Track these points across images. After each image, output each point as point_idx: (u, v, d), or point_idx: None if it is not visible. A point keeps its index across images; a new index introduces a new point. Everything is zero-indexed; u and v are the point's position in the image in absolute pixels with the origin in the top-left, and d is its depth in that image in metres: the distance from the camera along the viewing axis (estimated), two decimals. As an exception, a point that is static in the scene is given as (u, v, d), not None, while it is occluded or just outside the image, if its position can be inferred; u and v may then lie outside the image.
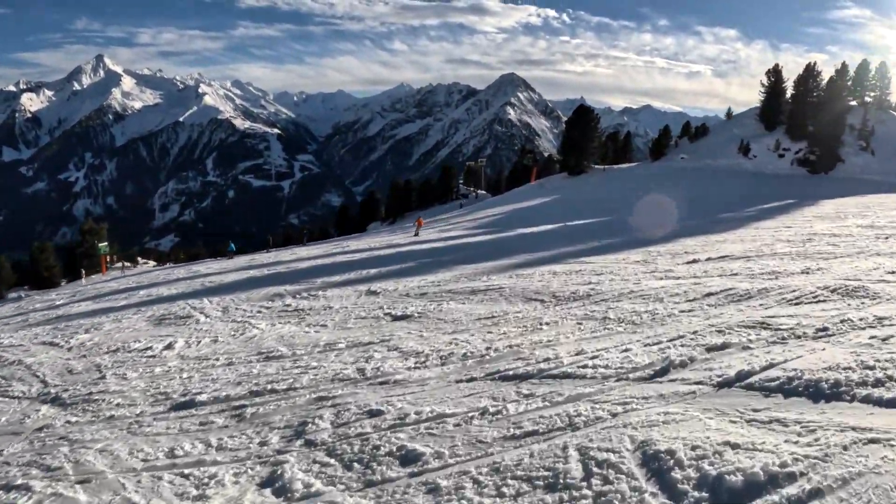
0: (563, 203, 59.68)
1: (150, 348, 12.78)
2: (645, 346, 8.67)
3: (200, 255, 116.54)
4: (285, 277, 23.77)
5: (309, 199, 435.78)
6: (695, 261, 17.11)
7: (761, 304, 10.61)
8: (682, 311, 10.68)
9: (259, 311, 16.19)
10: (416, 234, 46.24)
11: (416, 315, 13.21)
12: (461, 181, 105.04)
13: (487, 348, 9.48)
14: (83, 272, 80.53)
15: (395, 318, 13.20)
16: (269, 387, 8.77)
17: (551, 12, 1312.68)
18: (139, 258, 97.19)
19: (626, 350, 8.50)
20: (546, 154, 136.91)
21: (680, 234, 25.44)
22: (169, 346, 12.72)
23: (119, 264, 74.61)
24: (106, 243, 76.13)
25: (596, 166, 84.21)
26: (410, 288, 17.22)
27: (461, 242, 32.99)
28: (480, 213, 61.33)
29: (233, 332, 13.52)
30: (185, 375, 10.16)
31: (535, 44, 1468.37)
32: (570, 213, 46.34)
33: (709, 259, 17.18)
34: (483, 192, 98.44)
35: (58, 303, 28.75)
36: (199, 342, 12.85)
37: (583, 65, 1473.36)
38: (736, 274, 14.09)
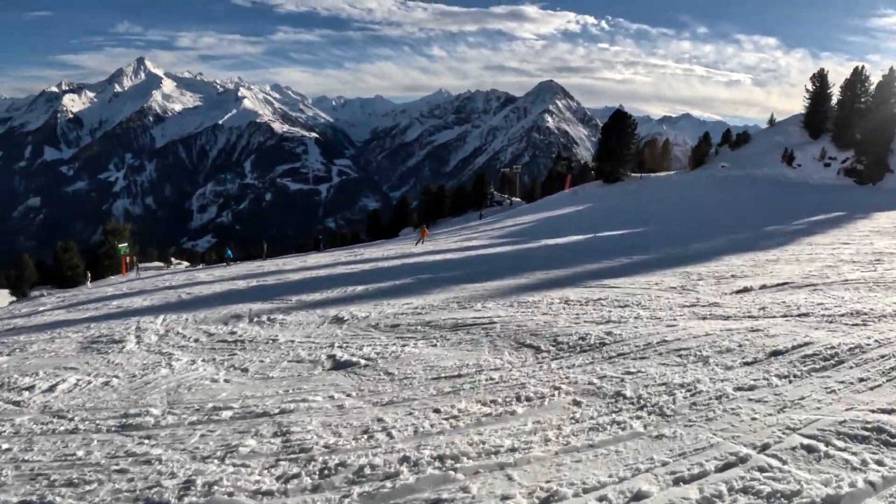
0: (596, 212, 56.23)
1: (31, 388, 10.19)
2: (674, 479, 5.00)
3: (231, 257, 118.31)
4: (266, 292, 20.92)
5: (346, 203, 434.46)
6: (746, 290, 13.35)
7: (862, 381, 6.85)
8: (739, 389, 6.90)
9: (196, 340, 13.24)
10: (420, 243, 45.13)
11: (362, 363, 9.74)
12: (493, 188, 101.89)
13: (405, 459, 5.83)
14: (88, 275, 79.41)
15: (336, 366, 9.79)
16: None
17: (590, 19, 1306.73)
18: (158, 260, 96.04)
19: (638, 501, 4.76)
20: (583, 162, 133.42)
21: (723, 249, 22.01)
22: (52, 388, 10.02)
23: (138, 265, 72.56)
24: (126, 244, 75.64)
25: (632, 174, 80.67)
26: (385, 315, 13.84)
27: (477, 254, 29.72)
28: (510, 221, 58.38)
29: (140, 371, 10.80)
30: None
31: (573, 51, 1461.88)
32: (601, 222, 42.89)
33: (764, 287, 13.46)
34: (517, 199, 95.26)
35: (39, 309, 26.51)
36: (90, 384, 10.07)
37: (622, 72, 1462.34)
38: (806, 314, 10.36)
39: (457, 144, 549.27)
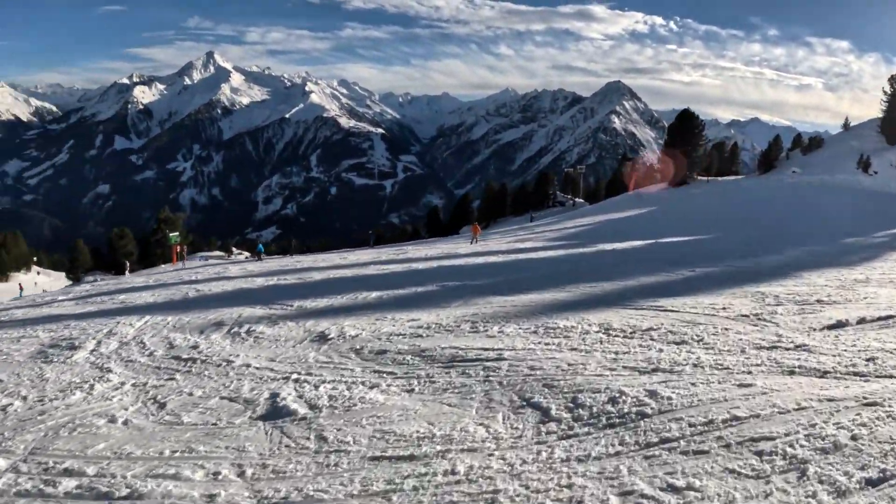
0: (660, 216, 53.11)
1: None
2: None
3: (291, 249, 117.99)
4: (272, 295, 18.53)
5: (410, 199, 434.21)
6: (841, 324, 10.02)
7: None
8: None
9: (150, 354, 11.14)
10: (474, 242, 42.86)
11: (301, 412, 7.19)
12: (556, 188, 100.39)
13: None
14: (128, 263, 78.75)
15: (267, 415, 7.28)
16: None
17: (658, 20, 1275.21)
18: (220, 250, 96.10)
19: None
20: (648, 164, 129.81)
21: (801, 264, 18.70)
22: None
23: (185, 255, 71.55)
24: (177, 233, 74.97)
25: (699, 177, 76.95)
26: (379, 335, 11.19)
27: (524, 258, 26.54)
28: (570, 223, 55.92)
29: (56, 392, 8.94)
30: None
31: (641, 52, 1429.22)
32: (665, 227, 39.53)
33: (863, 322, 10.12)
34: (580, 200, 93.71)
35: (59, 298, 25.32)
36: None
37: (690, 74, 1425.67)
38: (942, 373, 7.18)
39: (522, 143, 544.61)
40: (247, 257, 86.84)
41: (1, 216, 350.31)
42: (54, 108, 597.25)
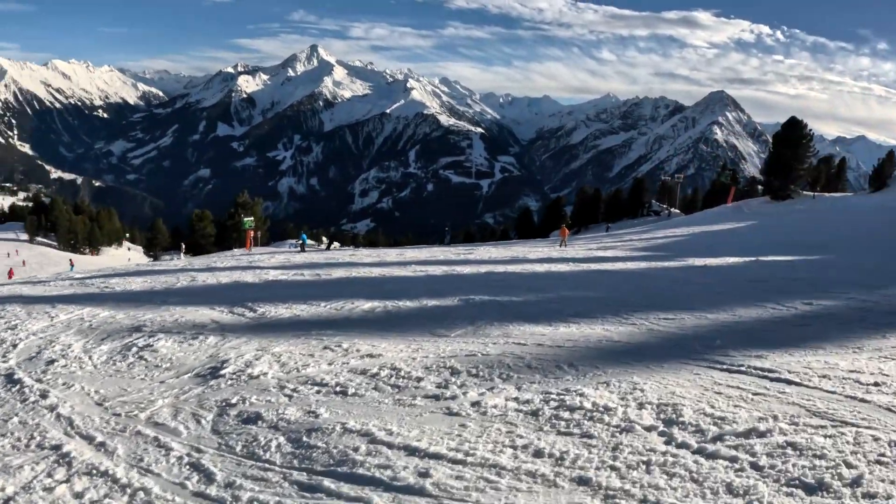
0: (761, 231, 47.27)
1: None
2: None
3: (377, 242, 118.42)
4: (252, 293, 16.10)
5: (506, 200, 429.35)
6: None
7: None
8: None
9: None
10: (562, 245, 40.40)
11: None
12: (654, 197, 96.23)
13: None
14: (182, 246, 77.71)
15: None
16: None
17: (765, 28, 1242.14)
18: (311, 240, 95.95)
19: None
20: (750, 177, 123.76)
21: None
22: None
23: (249, 242, 69.87)
24: (251, 219, 74.14)
25: (804, 192, 70.79)
26: (287, 380, 7.50)
27: (596, 269, 22.03)
28: (661, 233, 50.64)
29: None
30: None
31: (746, 61, 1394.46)
32: (766, 244, 34.11)
33: None
34: (676, 210, 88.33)
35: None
36: None
37: (795, 87, 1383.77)
38: None
39: (621, 150, 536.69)
40: (336, 247, 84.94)
41: (105, 193, 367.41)
42: (160, 94, 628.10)
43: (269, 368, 7.91)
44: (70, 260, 77.02)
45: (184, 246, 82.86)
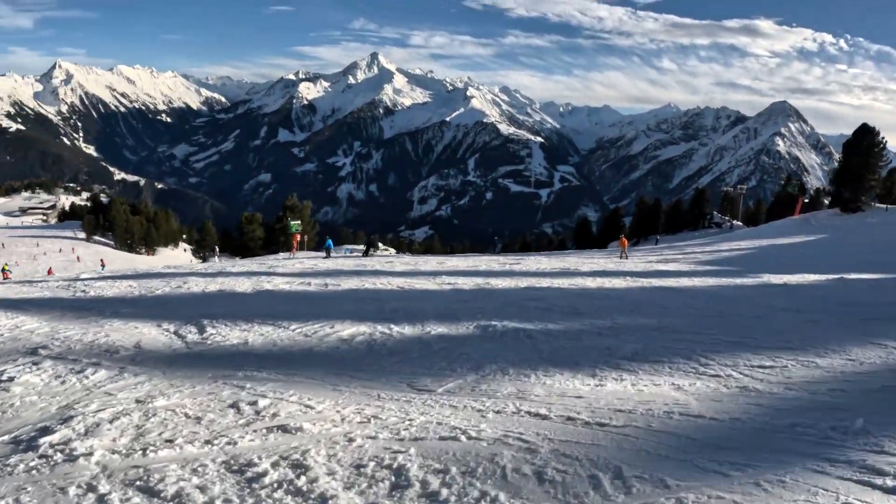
0: (833, 245, 43.64)
1: None
2: None
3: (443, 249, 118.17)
4: (241, 306, 13.93)
5: (565, 210, 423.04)
6: None
7: None
8: None
9: None
10: (622, 256, 37.77)
11: None
12: (716, 208, 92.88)
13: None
14: (216, 249, 75.87)
15: None
16: None
17: (828, 37, 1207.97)
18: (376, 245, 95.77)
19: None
20: (814, 189, 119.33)
21: None
22: None
23: (295, 246, 67.09)
24: (298, 222, 73.03)
25: (877, 204, 66.32)
26: (155, 476, 4.50)
27: (657, 286, 18.57)
28: (726, 245, 47.38)
29: None
30: None
31: (809, 71, 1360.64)
32: (843, 260, 30.58)
33: None
34: (738, 222, 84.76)
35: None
36: None
37: (859, 97, 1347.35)
38: None
39: (682, 161, 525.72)
40: (392, 254, 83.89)
41: (167, 195, 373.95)
42: (223, 99, 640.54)
43: (111, 443, 5.24)
44: (101, 260, 74.35)
45: (217, 249, 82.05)
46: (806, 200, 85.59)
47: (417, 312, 11.86)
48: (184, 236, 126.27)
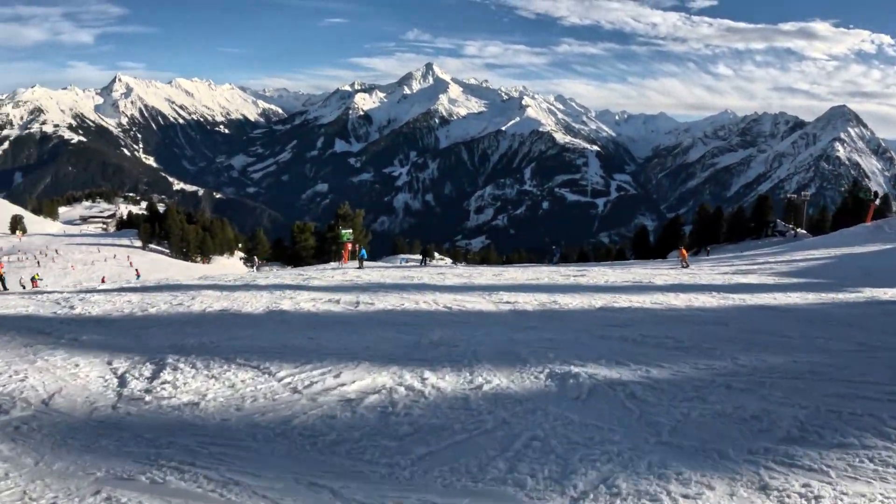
0: (919, 253, 40.11)
1: None
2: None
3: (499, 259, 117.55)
4: (236, 333, 11.33)
5: (622, 219, 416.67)
6: None
7: None
8: None
9: None
10: (682, 266, 34.37)
11: None
12: (776, 217, 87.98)
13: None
14: (255, 259, 73.90)
15: None
16: None
17: (886, 38, 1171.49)
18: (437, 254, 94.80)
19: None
20: (883, 193, 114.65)
21: None
22: None
23: (344, 255, 65.38)
24: (350, 231, 69.56)
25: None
26: None
27: (754, 305, 15.63)
28: (799, 255, 42.26)
29: None
30: None
31: (867, 73, 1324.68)
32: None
33: None
34: (802, 230, 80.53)
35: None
36: None
37: None
38: None
39: (740, 169, 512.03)
40: (450, 264, 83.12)
41: (225, 205, 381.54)
42: (280, 111, 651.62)
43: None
44: (136, 270, 73.61)
45: (257, 259, 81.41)
46: (878, 205, 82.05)
47: (466, 349, 9.07)
48: (239, 245, 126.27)
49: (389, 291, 18.35)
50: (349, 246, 64.65)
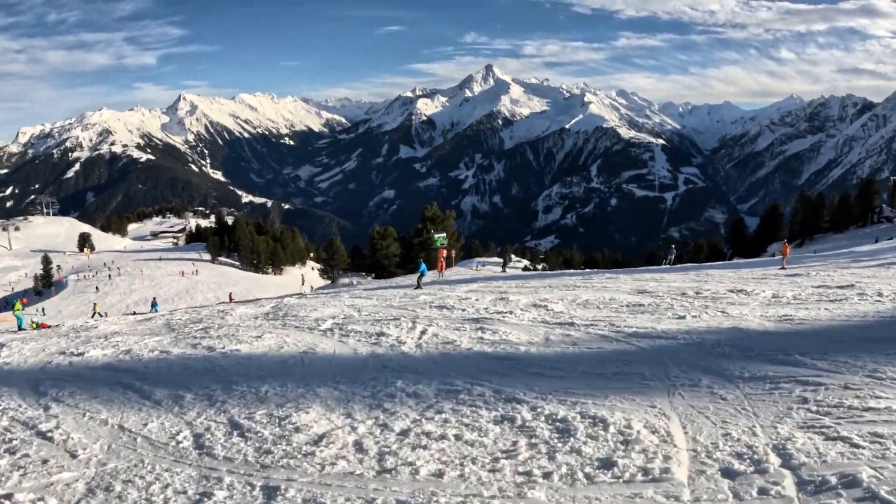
0: None
1: None
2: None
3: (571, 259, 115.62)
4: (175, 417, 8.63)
5: (691, 213, 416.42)
6: None
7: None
8: None
9: None
10: (783, 268, 27.34)
11: None
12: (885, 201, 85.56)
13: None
14: (303, 277, 71.75)
15: None
16: None
17: None
18: (497, 257, 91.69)
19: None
20: None
21: None
22: None
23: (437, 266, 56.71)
24: (443, 234, 61.83)
25: None
26: None
27: None
28: None
29: None
30: None
31: None
32: None
33: None
34: None
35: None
36: None
37: None
38: None
39: (809, 155, 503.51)
40: (525, 267, 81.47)
41: (293, 215, 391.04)
42: (343, 120, 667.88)
43: None
44: (153, 299, 61.90)
45: (303, 278, 66.04)
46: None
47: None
48: (311, 255, 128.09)
49: (444, 323, 14.41)
50: (443, 252, 52.30)
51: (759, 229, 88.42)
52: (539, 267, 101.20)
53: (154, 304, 55.63)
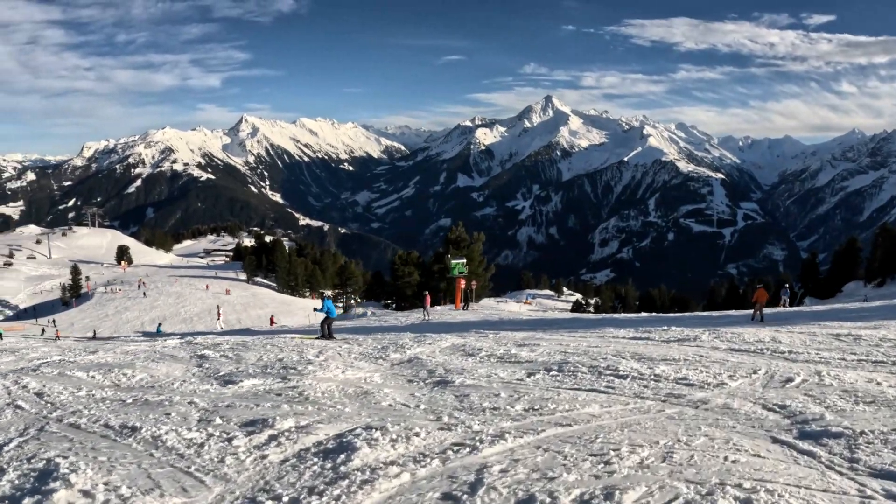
0: None
1: None
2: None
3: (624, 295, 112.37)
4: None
5: (749, 249, 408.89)
6: None
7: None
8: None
9: None
10: (760, 320, 23.58)
11: None
12: None
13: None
14: (219, 309, 57.97)
15: None
16: None
17: None
18: (550, 290, 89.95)
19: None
20: None
21: None
22: None
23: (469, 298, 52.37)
24: (462, 261, 52.41)
25: None
26: None
27: None
28: None
29: None
30: None
31: None
32: None
33: None
34: None
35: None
36: None
37: None
38: None
39: (871, 191, 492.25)
40: (577, 301, 78.98)
41: (349, 239, 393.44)
42: (402, 147, 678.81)
43: None
44: (159, 324, 60.46)
45: (219, 309, 58.90)
46: None
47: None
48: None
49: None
50: (462, 283, 50.15)
51: (834, 267, 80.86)
52: (592, 301, 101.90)
53: (159, 328, 53.83)
